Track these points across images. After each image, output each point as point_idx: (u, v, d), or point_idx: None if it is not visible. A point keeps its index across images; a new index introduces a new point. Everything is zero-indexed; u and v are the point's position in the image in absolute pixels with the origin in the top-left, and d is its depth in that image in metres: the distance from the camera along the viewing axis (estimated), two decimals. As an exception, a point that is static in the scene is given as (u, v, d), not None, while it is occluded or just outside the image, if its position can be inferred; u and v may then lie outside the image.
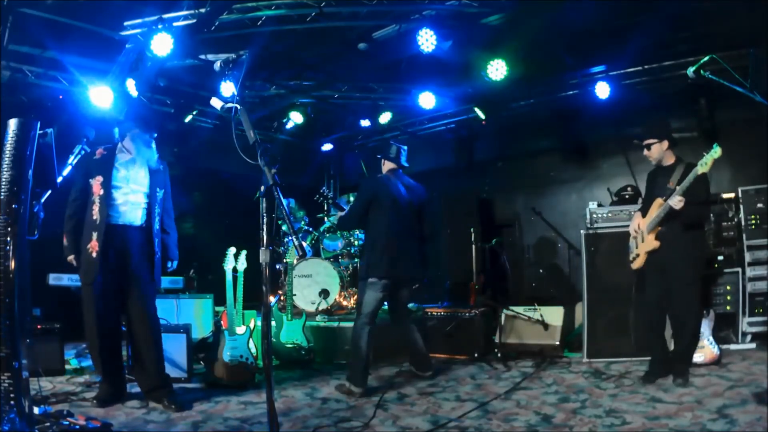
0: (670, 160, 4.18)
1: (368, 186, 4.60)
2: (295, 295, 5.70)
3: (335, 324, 5.60)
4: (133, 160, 3.89)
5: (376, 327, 4.32)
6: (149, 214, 3.90)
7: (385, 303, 4.54)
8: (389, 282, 4.34)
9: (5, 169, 2.61)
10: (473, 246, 6.30)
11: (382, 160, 4.73)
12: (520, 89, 6.78)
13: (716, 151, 3.79)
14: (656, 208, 4.10)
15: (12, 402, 2.47)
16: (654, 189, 4.24)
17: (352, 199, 6.57)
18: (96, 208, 3.72)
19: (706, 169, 3.83)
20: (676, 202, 3.91)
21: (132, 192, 3.84)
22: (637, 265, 4.25)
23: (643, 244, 4.18)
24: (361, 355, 4.19)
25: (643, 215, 4.26)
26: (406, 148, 4.74)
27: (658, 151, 4.15)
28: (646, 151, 4.23)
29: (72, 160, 4.10)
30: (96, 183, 3.76)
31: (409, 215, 4.54)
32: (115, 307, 3.78)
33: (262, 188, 2.63)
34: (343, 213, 5.01)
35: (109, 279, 3.72)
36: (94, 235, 3.69)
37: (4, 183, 2.59)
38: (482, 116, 7.11)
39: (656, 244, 4.09)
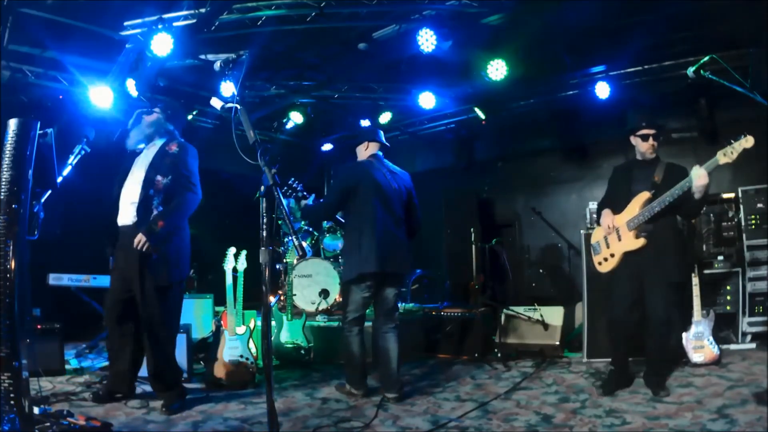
0: (653, 154, 3.85)
1: (348, 173, 4.07)
2: (295, 295, 5.70)
3: (335, 324, 5.59)
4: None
5: (364, 330, 4.09)
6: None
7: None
8: (374, 281, 3.97)
9: (5, 169, 2.61)
10: (473, 246, 6.29)
11: (360, 146, 4.23)
12: (520, 89, 6.78)
13: (747, 140, 3.25)
14: (640, 203, 3.72)
15: (12, 402, 2.48)
16: (631, 183, 3.85)
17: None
18: None
19: (729, 159, 3.33)
20: (703, 175, 3.39)
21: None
22: (607, 267, 3.83)
23: (620, 243, 3.77)
24: (355, 360, 4.02)
25: (616, 212, 3.88)
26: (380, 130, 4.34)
27: (656, 144, 3.83)
28: (649, 142, 3.81)
29: (72, 160, 4.09)
30: None
31: (397, 205, 4.06)
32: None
33: (262, 188, 2.63)
34: (307, 201, 4.26)
35: None
36: None
37: (4, 183, 2.60)
38: (482, 116, 7.12)
39: (639, 242, 3.67)
